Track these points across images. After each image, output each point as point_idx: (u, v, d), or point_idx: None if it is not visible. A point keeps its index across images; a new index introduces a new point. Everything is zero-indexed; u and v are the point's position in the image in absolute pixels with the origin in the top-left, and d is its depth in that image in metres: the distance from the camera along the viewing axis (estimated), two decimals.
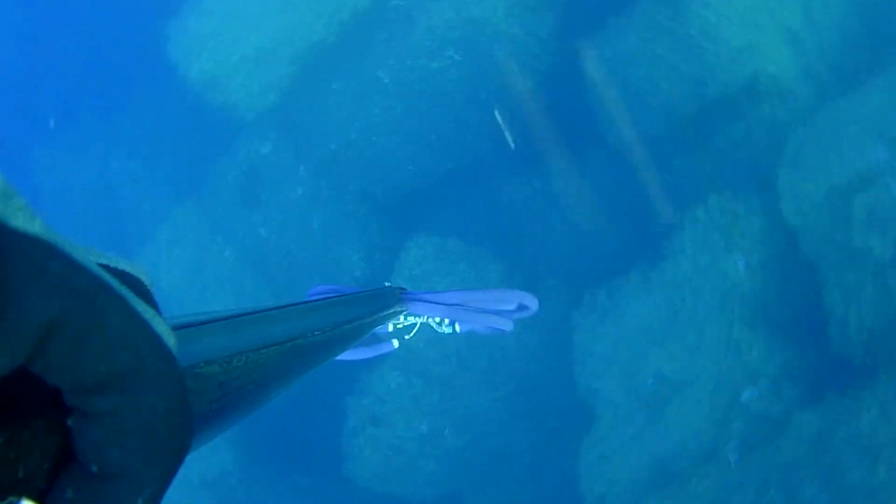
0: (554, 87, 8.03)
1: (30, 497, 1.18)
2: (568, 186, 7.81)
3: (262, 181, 8.42)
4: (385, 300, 3.67)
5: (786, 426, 6.42)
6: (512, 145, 7.78)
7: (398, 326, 3.97)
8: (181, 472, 1.35)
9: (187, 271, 8.57)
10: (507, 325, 4.03)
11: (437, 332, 4.03)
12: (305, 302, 3.04)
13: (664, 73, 7.50)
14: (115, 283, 1.19)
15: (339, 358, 3.80)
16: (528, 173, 7.95)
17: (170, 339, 1.27)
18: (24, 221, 1.04)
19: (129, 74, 8.86)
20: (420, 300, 3.87)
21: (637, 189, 7.61)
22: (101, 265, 1.20)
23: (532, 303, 4.05)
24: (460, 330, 4.03)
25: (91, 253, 1.21)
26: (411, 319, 3.96)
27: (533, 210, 7.81)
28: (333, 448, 7.70)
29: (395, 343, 4.05)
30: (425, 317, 3.92)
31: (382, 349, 4.09)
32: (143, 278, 1.37)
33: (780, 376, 6.63)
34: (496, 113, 7.85)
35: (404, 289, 3.93)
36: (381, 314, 3.51)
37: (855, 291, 6.41)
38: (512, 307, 4.03)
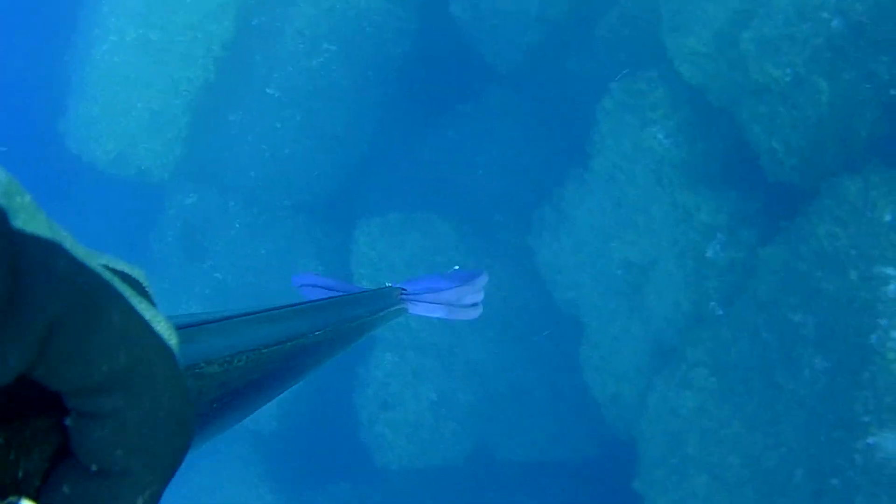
0: (431, 40, 8.03)
1: (29, 497, 1.16)
2: (479, 125, 7.80)
3: (200, 230, 8.39)
4: (385, 300, 3.68)
5: (754, 267, 6.45)
6: None
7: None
8: None
9: None
10: (477, 313, 4.13)
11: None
12: (306, 302, 3.03)
13: None
14: (116, 283, 1.16)
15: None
16: (440, 127, 7.95)
17: (171, 339, 1.23)
18: (28, 220, 1.02)
19: (42, 179, 8.76)
20: (419, 300, 3.91)
21: (542, 103, 7.62)
22: (101, 265, 1.15)
23: (483, 279, 4.15)
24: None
25: (92, 255, 1.15)
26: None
27: (456, 159, 7.82)
28: (357, 446, 7.70)
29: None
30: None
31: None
32: (142, 279, 1.31)
33: (734, 224, 6.66)
34: None
35: (405, 289, 3.94)
36: (382, 314, 3.49)
37: (772, 121, 6.41)
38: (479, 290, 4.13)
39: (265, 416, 8.09)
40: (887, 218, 5.91)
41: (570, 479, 7.28)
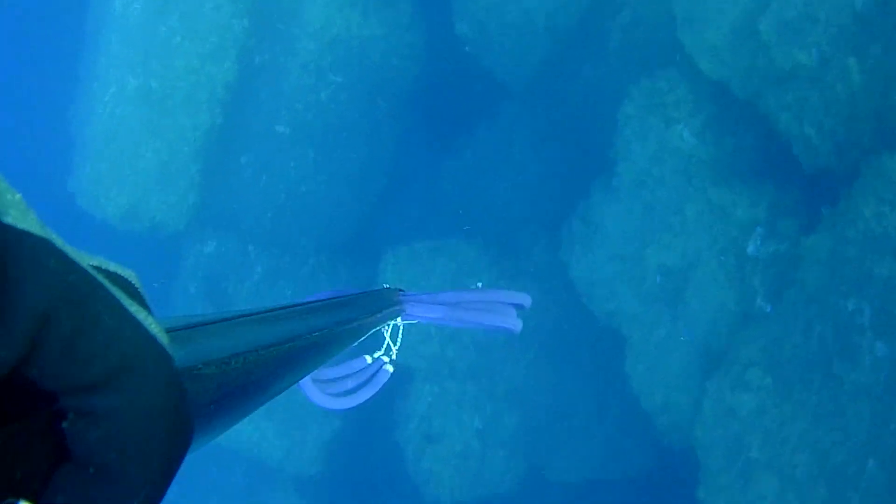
0: (440, 63, 7.84)
1: (27, 498, 1.14)
2: (497, 144, 7.60)
3: (222, 278, 8.15)
4: (383, 301, 3.61)
5: (799, 258, 6.20)
6: None
7: (375, 356, 3.97)
8: None
9: None
10: (516, 325, 3.97)
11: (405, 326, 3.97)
12: (304, 303, 2.98)
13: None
14: (107, 284, 1.17)
15: (342, 408, 3.83)
16: (457, 150, 7.74)
17: (163, 339, 1.23)
18: (18, 217, 1.03)
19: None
20: (418, 301, 3.81)
21: (560, 115, 7.41)
22: (93, 266, 1.17)
23: (525, 300, 3.99)
24: (455, 324, 3.94)
25: (83, 256, 1.16)
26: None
27: (477, 181, 7.61)
28: (406, 483, 7.44)
29: (390, 368, 4.02)
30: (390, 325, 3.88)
31: (381, 380, 4.03)
32: (134, 280, 1.32)
33: (773, 216, 6.42)
34: None
35: (402, 290, 3.87)
36: (379, 315, 3.44)
37: (801, 107, 6.19)
38: (508, 306, 3.98)
39: (307, 459, 7.88)
40: None
41: (628, 495, 7.02)
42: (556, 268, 7.23)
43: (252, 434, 7.87)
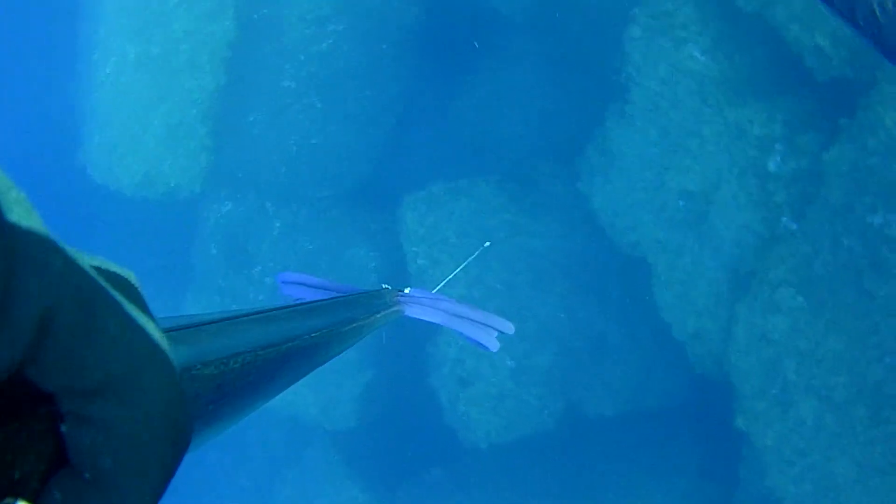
0: (438, 0, 7.68)
1: (25, 499, 1.10)
2: (506, 79, 7.45)
3: (242, 237, 8.11)
4: (382, 302, 3.64)
5: (822, 173, 6.05)
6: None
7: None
8: None
9: None
10: (494, 346, 4.10)
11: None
12: (303, 303, 3.06)
13: None
14: (111, 289, 1.12)
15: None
16: (466, 88, 7.60)
17: (166, 347, 1.17)
18: (23, 215, 0.99)
19: (71, 215, 8.53)
20: (417, 303, 3.89)
21: (566, 44, 7.24)
22: (93, 267, 1.11)
23: (509, 328, 4.11)
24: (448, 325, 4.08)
25: (83, 256, 1.10)
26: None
27: (489, 117, 7.49)
28: (443, 429, 7.43)
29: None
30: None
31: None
32: (133, 281, 1.22)
33: (791, 132, 6.25)
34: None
35: (401, 291, 3.92)
36: (379, 315, 3.46)
37: (811, 16, 6.01)
38: (493, 329, 4.08)
39: (341, 414, 7.88)
40: None
41: (667, 426, 6.96)
42: (576, 200, 7.11)
43: (287, 394, 7.86)
